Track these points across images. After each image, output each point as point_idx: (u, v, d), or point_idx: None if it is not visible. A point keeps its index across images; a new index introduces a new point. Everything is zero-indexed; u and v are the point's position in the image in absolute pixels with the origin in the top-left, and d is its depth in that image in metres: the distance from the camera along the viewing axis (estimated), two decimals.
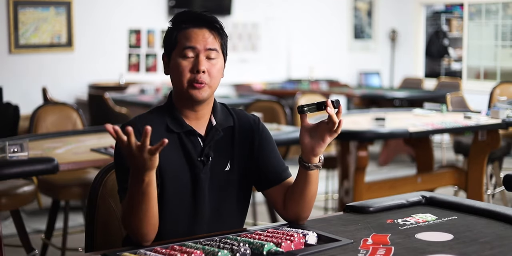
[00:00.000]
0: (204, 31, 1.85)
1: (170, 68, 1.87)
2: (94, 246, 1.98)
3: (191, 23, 1.85)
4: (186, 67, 1.82)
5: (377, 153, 7.37)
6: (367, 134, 3.86)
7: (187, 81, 1.82)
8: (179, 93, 1.86)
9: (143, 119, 1.86)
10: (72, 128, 4.46)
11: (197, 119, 1.89)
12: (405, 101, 7.21)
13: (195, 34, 1.84)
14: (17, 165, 2.93)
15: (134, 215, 1.67)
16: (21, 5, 6.83)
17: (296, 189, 1.86)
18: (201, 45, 1.83)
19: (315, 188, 1.87)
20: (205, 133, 1.88)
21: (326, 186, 5.28)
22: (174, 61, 1.85)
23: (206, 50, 1.83)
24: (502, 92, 5.85)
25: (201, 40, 1.83)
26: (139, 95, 6.55)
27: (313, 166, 1.82)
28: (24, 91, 6.90)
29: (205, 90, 1.83)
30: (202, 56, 1.83)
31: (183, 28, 1.85)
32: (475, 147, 4.41)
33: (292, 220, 1.90)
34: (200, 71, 1.81)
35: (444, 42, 9.10)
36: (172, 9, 7.75)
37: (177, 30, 1.86)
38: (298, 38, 8.81)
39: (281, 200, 1.90)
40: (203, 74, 1.82)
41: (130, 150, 1.58)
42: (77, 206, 4.89)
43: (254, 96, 6.67)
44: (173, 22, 1.89)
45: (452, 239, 1.73)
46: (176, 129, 1.85)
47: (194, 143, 1.85)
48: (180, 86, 1.84)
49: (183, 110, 1.88)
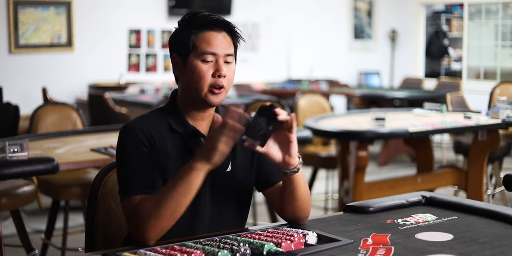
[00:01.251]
0: (224, 35, 1.85)
1: (187, 70, 1.84)
2: (94, 246, 1.98)
3: (210, 26, 1.84)
4: (206, 72, 1.82)
5: (377, 153, 7.37)
6: (367, 134, 3.86)
7: (208, 85, 1.82)
8: (193, 97, 1.84)
9: (145, 119, 1.85)
10: (72, 128, 4.46)
11: (203, 119, 1.89)
12: (405, 101, 7.21)
13: (216, 38, 1.83)
14: (17, 165, 2.93)
15: (176, 208, 1.68)
16: (21, 5, 6.84)
17: (285, 192, 1.85)
18: (221, 50, 1.83)
19: (304, 188, 1.84)
20: (208, 134, 1.88)
21: (326, 186, 5.28)
22: (192, 65, 1.83)
23: (225, 56, 1.84)
24: (502, 92, 5.85)
25: (220, 45, 1.83)
26: (139, 95, 6.55)
27: (291, 172, 1.78)
28: (24, 91, 6.90)
29: (222, 95, 1.84)
30: (221, 61, 1.83)
31: (201, 30, 1.83)
32: (475, 147, 4.40)
33: (291, 221, 1.89)
34: (222, 75, 1.81)
35: (444, 42, 9.10)
36: (172, 9, 7.75)
37: (194, 33, 1.84)
38: (298, 38, 8.81)
39: (278, 201, 1.90)
40: (223, 78, 1.83)
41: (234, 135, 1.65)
42: (77, 206, 4.90)
43: (254, 96, 6.67)
44: (186, 23, 1.86)
45: (452, 239, 1.73)
46: (180, 129, 1.85)
47: (197, 144, 1.85)
48: (198, 90, 1.82)
49: (189, 111, 1.87)
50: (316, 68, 8.78)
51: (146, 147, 1.78)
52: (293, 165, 1.77)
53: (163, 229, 1.70)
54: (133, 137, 1.79)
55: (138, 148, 1.78)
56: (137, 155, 1.78)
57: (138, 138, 1.79)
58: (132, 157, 1.78)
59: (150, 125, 1.82)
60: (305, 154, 4.94)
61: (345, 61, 9.24)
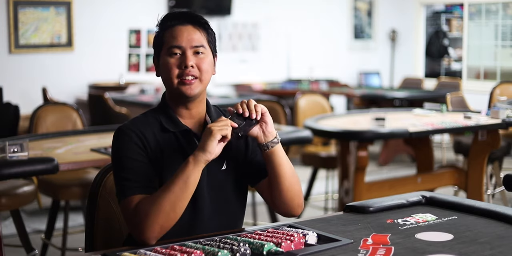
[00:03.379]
0: (189, 28, 1.86)
1: (160, 68, 1.89)
2: (94, 246, 1.99)
3: (175, 21, 1.87)
4: (173, 64, 1.84)
5: (377, 153, 7.37)
6: (367, 134, 3.86)
7: (176, 76, 1.84)
8: (170, 91, 1.88)
9: (137, 121, 1.87)
10: (72, 128, 4.46)
11: (192, 118, 1.90)
12: (405, 101, 7.20)
13: (180, 31, 1.85)
14: (17, 165, 2.93)
15: (175, 203, 1.70)
16: (21, 5, 6.84)
17: (271, 175, 1.86)
18: (187, 43, 1.84)
19: (288, 170, 1.85)
20: (200, 133, 1.89)
21: (326, 186, 5.28)
22: (162, 60, 1.87)
23: (193, 47, 1.85)
24: (502, 92, 5.85)
25: (186, 37, 1.85)
26: (139, 95, 6.55)
27: (272, 143, 1.83)
28: (24, 91, 6.90)
29: (196, 86, 1.85)
30: (189, 53, 1.85)
31: (168, 27, 1.87)
32: (475, 147, 4.41)
33: (285, 212, 1.90)
34: (188, 66, 1.83)
35: (444, 42, 9.10)
36: (172, 9, 7.75)
37: (162, 30, 1.88)
38: (298, 38, 8.81)
39: (269, 194, 1.91)
40: (192, 68, 1.84)
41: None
42: (77, 206, 4.89)
43: (254, 96, 6.67)
44: (159, 24, 1.91)
45: (452, 239, 1.73)
46: (172, 128, 1.86)
47: (190, 143, 1.86)
48: (170, 84, 1.85)
49: (177, 109, 1.89)
50: (316, 68, 8.78)
51: (140, 148, 1.80)
52: (272, 134, 1.82)
53: (163, 227, 1.70)
54: (126, 139, 1.81)
55: (133, 149, 1.80)
56: (132, 156, 1.79)
57: (132, 140, 1.81)
58: (127, 158, 1.79)
59: (143, 126, 1.84)
60: (305, 154, 4.94)
61: (345, 61, 9.23)
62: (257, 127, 1.81)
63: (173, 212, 1.71)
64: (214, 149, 1.73)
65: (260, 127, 1.81)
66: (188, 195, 1.73)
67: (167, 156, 1.83)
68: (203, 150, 1.72)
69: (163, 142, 1.84)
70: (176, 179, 1.72)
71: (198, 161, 1.72)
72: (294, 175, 1.88)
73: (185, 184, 1.71)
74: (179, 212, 1.72)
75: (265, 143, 1.83)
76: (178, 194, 1.71)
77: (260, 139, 1.83)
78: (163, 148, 1.83)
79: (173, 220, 1.72)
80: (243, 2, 8.30)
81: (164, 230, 1.71)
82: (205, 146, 1.72)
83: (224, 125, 1.74)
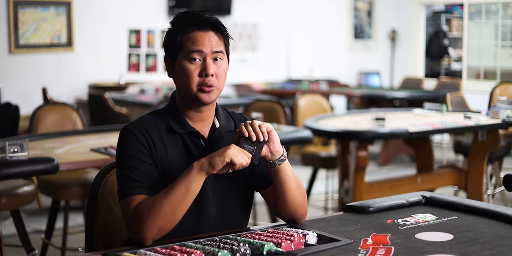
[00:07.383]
0: (210, 33, 1.85)
1: (176, 71, 1.87)
2: (94, 246, 1.98)
3: (196, 26, 1.85)
4: (194, 71, 1.83)
5: (377, 153, 7.37)
6: (367, 134, 3.86)
7: (196, 85, 1.83)
8: (186, 96, 1.86)
9: (144, 120, 1.86)
10: (72, 128, 4.46)
11: (202, 121, 1.89)
12: (405, 101, 7.20)
13: (201, 37, 1.84)
14: (17, 165, 2.93)
15: (176, 208, 1.70)
16: (21, 5, 6.83)
17: (276, 189, 1.86)
18: (208, 49, 1.83)
19: (294, 181, 1.85)
20: (208, 135, 1.89)
21: (326, 186, 5.28)
22: (180, 64, 1.85)
23: (213, 53, 1.84)
24: (502, 92, 5.85)
25: (207, 43, 1.83)
26: (139, 95, 6.55)
27: (279, 161, 1.82)
28: (24, 91, 6.90)
29: (214, 93, 1.85)
30: (209, 59, 1.83)
31: (188, 31, 1.84)
32: (475, 147, 4.41)
33: (289, 220, 1.90)
34: (209, 74, 1.82)
35: (444, 42, 9.10)
36: (172, 9, 7.75)
37: (181, 33, 1.85)
38: (298, 38, 8.81)
39: (273, 202, 1.91)
40: (212, 77, 1.83)
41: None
42: (77, 206, 4.90)
43: (254, 96, 6.67)
44: (175, 24, 1.88)
45: (452, 239, 1.73)
46: (179, 129, 1.85)
47: (196, 145, 1.86)
48: (188, 90, 1.84)
49: (188, 112, 1.88)
50: (316, 68, 8.78)
51: (145, 148, 1.79)
52: (279, 152, 1.81)
53: (161, 229, 1.70)
54: (132, 139, 1.80)
55: (138, 149, 1.79)
56: (136, 156, 1.78)
57: (138, 140, 1.80)
58: (132, 157, 1.78)
59: (149, 126, 1.83)
60: (305, 154, 4.94)
61: (345, 61, 9.24)
62: (265, 147, 1.80)
63: (172, 216, 1.71)
64: (219, 167, 1.72)
65: (267, 147, 1.80)
66: (189, 200, 1.72)
67: (172, 156, 1.82)
68: (209, 162, 1.72)
69: (168, 143, 1.83)
70: (179, 184, 1.71)
71: (202, 169, 1.72)
72: (299, 187, 1.87)
73: (187, 189, 1.71)
74: (179, 216, 1.72)
75: (272, 161, 1.82)
76: (179, 198, 1.70)
77: (267, 158, 1.81)
78: (168, 149, 1.83)
79: (172, 223, 1.72)
80: (243, 2, 8.30)
81: (162, 232, 1.71)
82: (212, 161, 1.71)
83: (244, 156, 1.73)
